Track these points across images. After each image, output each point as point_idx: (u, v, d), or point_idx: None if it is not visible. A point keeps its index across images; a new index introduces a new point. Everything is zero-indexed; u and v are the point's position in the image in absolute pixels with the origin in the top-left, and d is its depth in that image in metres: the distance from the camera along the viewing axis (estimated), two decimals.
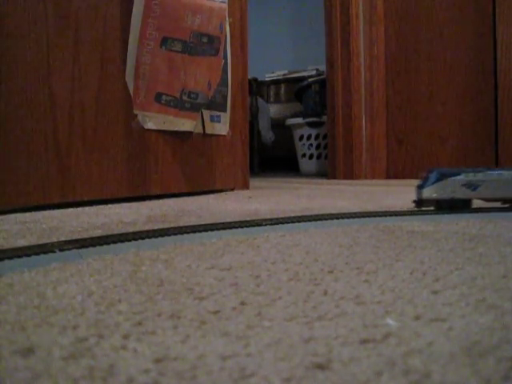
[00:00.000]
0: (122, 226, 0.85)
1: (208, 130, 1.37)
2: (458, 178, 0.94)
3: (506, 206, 1.01)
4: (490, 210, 0.98)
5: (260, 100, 2.31)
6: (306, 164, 2.35)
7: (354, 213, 0.98)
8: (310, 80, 2.38)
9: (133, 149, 1.19)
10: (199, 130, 1.34)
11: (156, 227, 0.80)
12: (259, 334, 0.33)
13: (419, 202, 0.96)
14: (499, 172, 0.97)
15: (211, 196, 1.44)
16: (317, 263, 0.57)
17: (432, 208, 0.96)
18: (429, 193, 0.95)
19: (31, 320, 0.37)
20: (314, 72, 2.48)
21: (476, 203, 0.99)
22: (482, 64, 1.80)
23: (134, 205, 1.17)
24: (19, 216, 0.97)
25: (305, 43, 2.95)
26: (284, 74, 2.63)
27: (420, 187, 0.96)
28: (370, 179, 2.06)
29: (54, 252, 0.63)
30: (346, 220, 0.95)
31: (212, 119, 1.38)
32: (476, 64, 1.81)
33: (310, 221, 0.90)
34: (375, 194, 1.55)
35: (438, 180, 0.94)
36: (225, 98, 1.42)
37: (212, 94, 1.33)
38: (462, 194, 0.96)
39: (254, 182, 1.92)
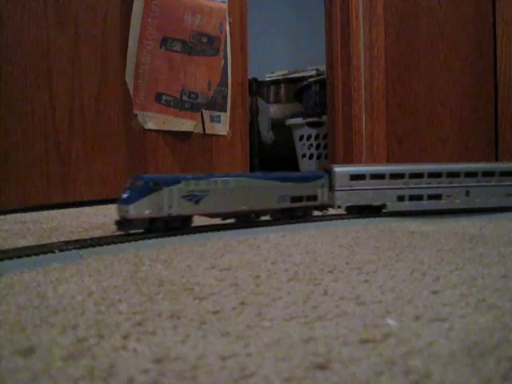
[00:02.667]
0: None
1: (208, 130, 1.37)
2: (177, 187, 0.71)
3: (230, 222, 0.82)
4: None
5: (260, 100, 2.31)
6: (305, 164, 2.36)
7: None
8: (309, 80, 2.38)
9: (133, 149, 1.19)
10: (199, 130, 1.34)
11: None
12: (259, 334, 0.33)
13: (123, 224, 0.68)
14: (226, 179, 0.78)
15: None
16: (317, 263, 0.57)
17: (142, 231, 0.71)
18: (138, 209, 0.68)
19: (31, 320, 0.37)
20: (313, 72, 2.48)
21: (201, 221, 0.79)
22: (482, 64, 1.80)
23: None
24: (19, 216, 0.97)
25: (305, 43, 2.95)
26: (284, 74, 2.63)
27: (124, 202, 0.68)
28: None
29: (54, 252, 0.63)
30: (345, 220, 0.95)
31: (212, 119, 1.38)
32: (476, 64, 1.81)
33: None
34: None
35: (149, 191, 0.69)
36: (225, 98, 1.42)
37: (212, 93, 1.33)
38: (181, 209, 0.72)
39: None
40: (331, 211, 0.94)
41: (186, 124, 1.28)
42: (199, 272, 0.53)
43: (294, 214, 0.88)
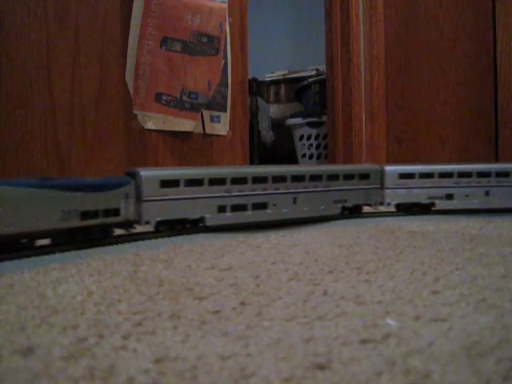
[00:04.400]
0: None
1: (208, 130, 1.37)
2: None
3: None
4: None
5: (260, 100, 2.31)
6: (306, 164, 2.36)
7: None
8: (309, 80, 2.37)
9: (133, 149, 1.19)
10: (199, 130, 1.34)
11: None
12: (259, 334, 0.33)
13: None
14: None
15: None
16: (317, 263, 0.57)
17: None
18: None
19: (31, 320, 0.37)
20: (313, 72, 2.48)
21: None
22: (482, 64, 1.80)
23: None
24: None
25: (305, 43, 2.95)
26: (284, 74, 2.63)
27: None
28: None
29: (54, 252, 0.63)
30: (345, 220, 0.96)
31: (212, 119, 1.38)
32: (476, 64, 1.81)
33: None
34: None
35: None
36: (225, 98, 1.42)
37: (212, 93, 1.33)
38: None
39: None
40: (140, 228, 0.76)
41: (185, 124, 1.28)
42: (199, 272, 0.53)
43: (86, 235, 0.67)
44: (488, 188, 1.01)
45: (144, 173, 0.74)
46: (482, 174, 1.02)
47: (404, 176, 1.01)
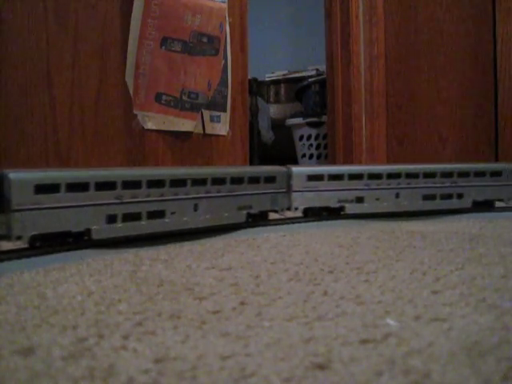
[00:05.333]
0: None
1: (208, 130, 1.37)
2: None
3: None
4: None
5: (260, 100, 2.31)
6: (306, 164, 2.36)
7: None
8: (310, 80, 2.37)
9: (133, 149, 1.19)
10: (199, 130, 1.34)
11: None
12: (259, 334, 0.33)
13: None
14: None
15: None
16: (317, 263, 0.57)
17: None
18: None
19: (31, 320, 0.37)
20: (313, 72, 2.48)
21: None
22: (482, 64, 1.80)
23: None
24: None
25: (305, 43, 2.95)
26: (284, 74, 2.63)
27: None
28: None
29: (54, 252, 0.63)
30: (345, 220, 0.95)
31: (212, 119, 1.38)
32: (476, 64, 1.81)
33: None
34: None
35: None
36: (225, 98, 1.42)
37: (212, 94, 1.33)
38: None
39: None
40: (8, 245, 0.60)
41: (185, 124, 1.28)
42: (199, 272, 0.53)
43: None
44: (398, 190, 0.97)
45: (14, 175, 0.59)
46: (392, 176, 0.97)
47: (312, 178, 0.93)
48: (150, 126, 1.21)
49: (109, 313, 0.38)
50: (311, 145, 2.31)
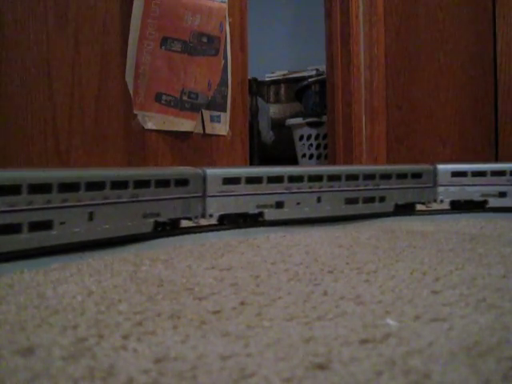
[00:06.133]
0: None
1: (208, 130, 1.37)
2: None
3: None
4: None
5: (260, 100, 2.31)
6: (306, 164, 2.36)
7: None
8: (309, 80, 2.37)
9: (133, 149, 1.19)
10: (199, 130, 1.34)
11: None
12: (259, 334, 0.33)
13: None
14: None
15: None
16: (317, 263, 0.57)
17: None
18: None
19: (31, 320, 0.37)
20: (313, 72, 2.48)
21: None
22: (482, 64, 1.80)
23: None
24: None
25: (305, 43, 2.95)
26: (284, 74, 2.63)
27: None
28: None
29: (54, 252, 0.63)
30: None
31: (212, 119, 1.38)
32: (476, 64, 1.81)
33: None
34: None
35: None
36: (225, 98, 1.42)
37: (212, 93, 1.33)
38: None
39: None
40: None
41: (185, 124, 1.28)
42: (199, 272, 0.53)
43: None
44: (320, 193, 0.90)
45: None
46: (314, 178, 0.90)
47: (228, 181, 0.84)
48: (149, 125, 1.21)
49: (109, 313, 0.38)
50: (311, 145, 2.31)
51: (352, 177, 0.94)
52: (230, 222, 0.84)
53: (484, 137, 1.82)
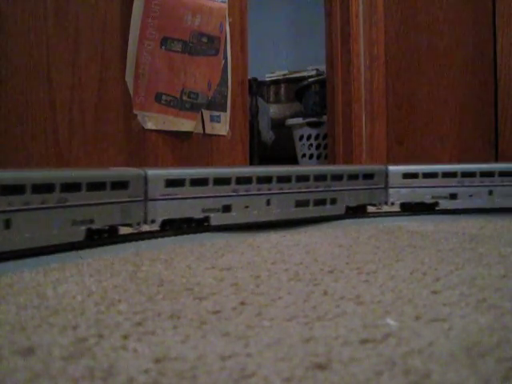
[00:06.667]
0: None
1: (208, 130, 1.37)
2: None
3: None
4: None
5: (260, 100, 2.31)
6: (306, 164, 2.36)
7: None
8: (310, 80, 2.37)
9: (133, 149, 1.19)
10: (199, 130, 1.34)
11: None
12: (259, 334, 0.33)
13: None
14: None
15: None
16: (317, 263, 0.57)
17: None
18: None
19: (31, 320, 0.37)
20: (313, 72, 2.48)
21: None
22: (482, 64, 1.80)
23: None
24: None
25: (305, 43, 2.95)
26: (284, 74, 2.63)
27: None
28: None
29: (54, 252, 0.63)
30: (346, 220, 0.95)
31: (212, 119, 1.38)
32: (476, 64, 1.81)
33: None
34: None
35: None
36: (225, 98, 1.42)
37: (212, 94, 1.33)
38: None
39: None
40: None
41: (185, 124, 1.28)
42: (199, 272, 0.53)
43: None
44: (269, 196, 0.85)
45: None
46: (263, 180, 0.85)
47: (171, 183, 0.77)
48: (149, 125, 1.21)
49: (109, 313, 0.38)
50: (311, 145, 2.31)
51: (302, 178, 0.89)
52: (174, 227, 0.78)
53: (484, 137, 1.82)
